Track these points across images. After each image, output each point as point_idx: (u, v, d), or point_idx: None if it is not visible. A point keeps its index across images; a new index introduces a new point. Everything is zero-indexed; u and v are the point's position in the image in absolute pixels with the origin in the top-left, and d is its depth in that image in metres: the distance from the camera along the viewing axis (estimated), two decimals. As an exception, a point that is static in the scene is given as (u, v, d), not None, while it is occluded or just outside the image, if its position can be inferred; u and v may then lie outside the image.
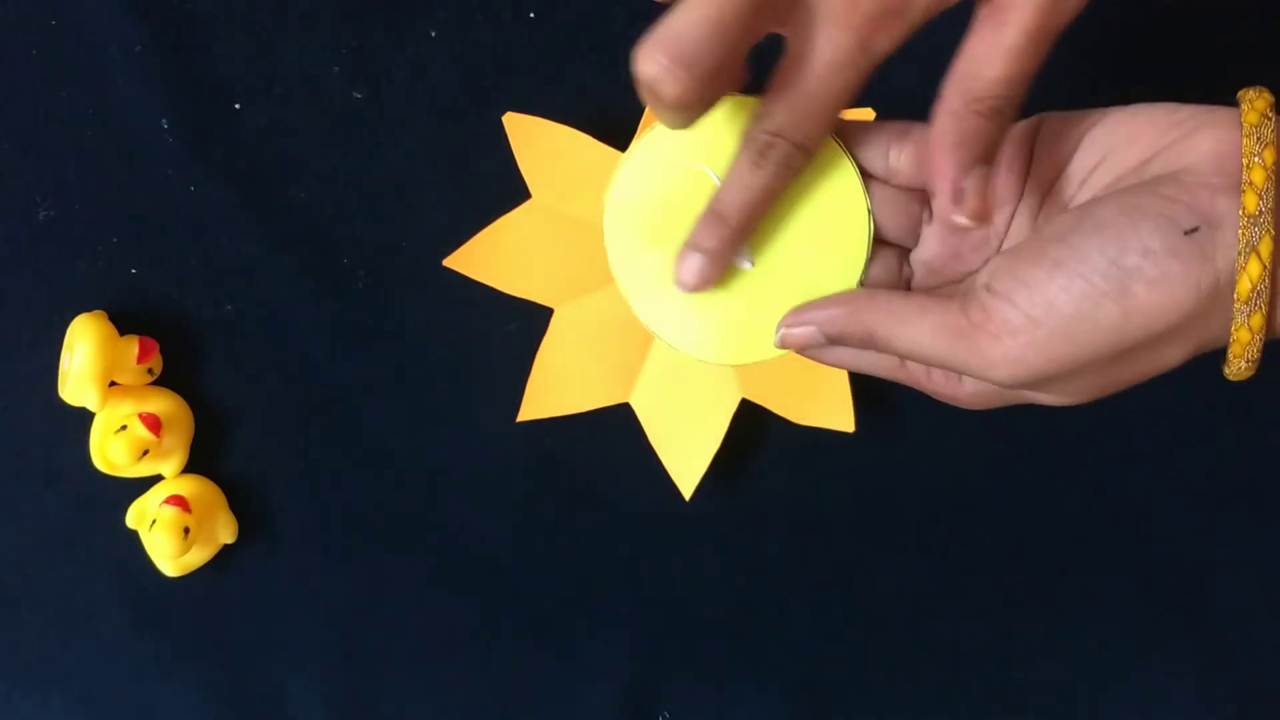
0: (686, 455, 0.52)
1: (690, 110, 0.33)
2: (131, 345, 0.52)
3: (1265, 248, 0.32)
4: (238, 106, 0.54)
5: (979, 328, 0.34)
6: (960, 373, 0.36)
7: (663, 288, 0.39)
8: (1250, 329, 0.33)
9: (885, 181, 0.38)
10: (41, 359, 0.53)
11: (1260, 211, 0.32)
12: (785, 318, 0.38)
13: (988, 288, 0.34)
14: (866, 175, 0.39)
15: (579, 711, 0.55)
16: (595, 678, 0.55)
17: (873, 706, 0.54)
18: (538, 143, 0.51)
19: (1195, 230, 0.33)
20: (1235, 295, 0.33)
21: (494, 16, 0.53)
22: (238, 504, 0.55)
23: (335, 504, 0.55)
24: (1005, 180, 0.38)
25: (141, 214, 0.54)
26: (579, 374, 0.53)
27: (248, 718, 0.56)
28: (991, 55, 0.34)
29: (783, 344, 0.38)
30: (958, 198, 0.35)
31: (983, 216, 0.35)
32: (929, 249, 0.39)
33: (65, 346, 0.52)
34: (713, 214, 0.37)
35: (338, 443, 0.55)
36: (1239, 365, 0.34)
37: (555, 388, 0.52)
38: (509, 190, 0.53)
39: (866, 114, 0.49)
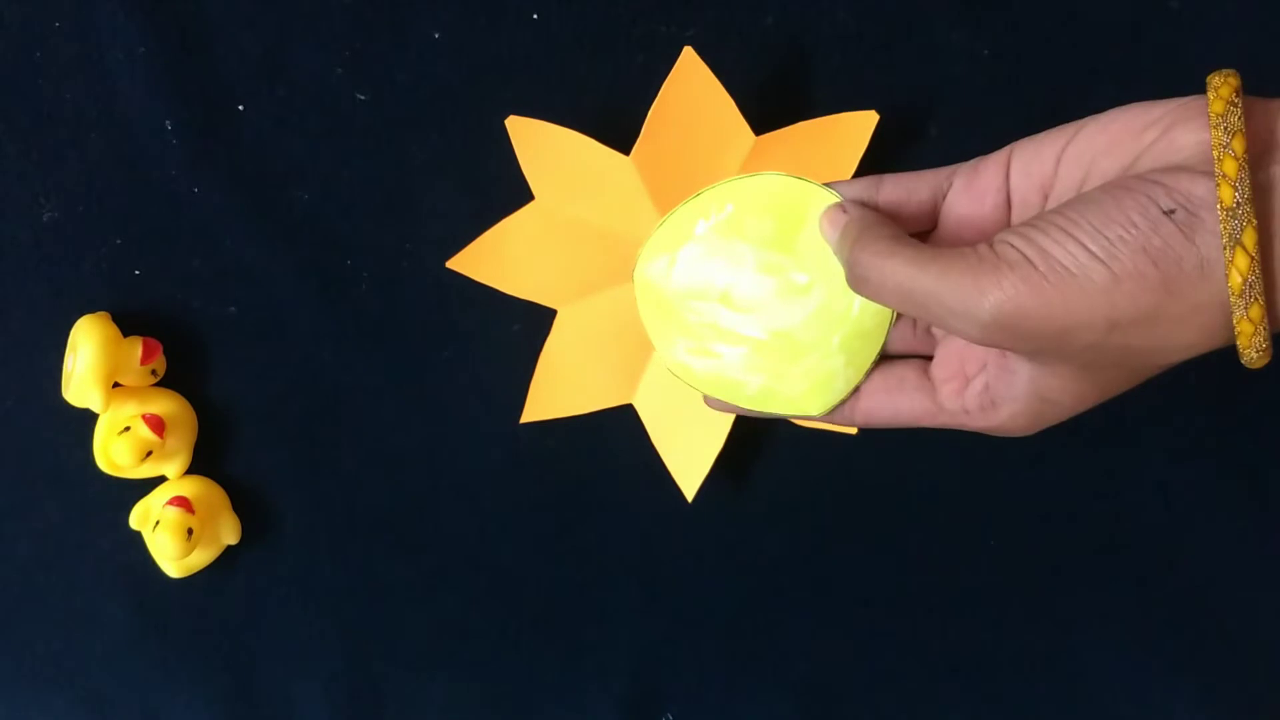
0: (689, 457, 0.52)
1: None
2: (135, 346, 0.52)
3: (1249, 239, 0.32)
4: (241, 108, 0.54)
5: (979, 261, 0.34)
6: (948, 316, 0.35)
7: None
8: (1251, 320, 0.33)
9: None
10: (45, 360, 0.54)
11: (1237, 203, 0.32)
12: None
13: (988, 244, 0.35)
14: None
15: (584, 712, 0.55)
16: (600, 678, 0.55)
17: (877, 706, 0.55)
18: (541, 146, 0.51)
19: (1173, 212, 0.33)
20: (1229, 289, 0.33)
21: (497, 18, 0.53)
22: (241, 505, 0.55)
23: (339, 505, 0.55)
24: (990, 216, 0.39)
25: (145, 215, 0.54)
26: (582, 375, 0.53)
27: (251, 718, 0.56)
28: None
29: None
30: None
31: None
32: None
33: (69, 348, 0.52)
34: None
35: (341, 444, 0.55)
36: (1250, 355, 0.34)
37: (559, 389, 0.52)
38: (512, 192, 0.53)
39: (871, 116, 0.49)
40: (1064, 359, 0.36)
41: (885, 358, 0.42)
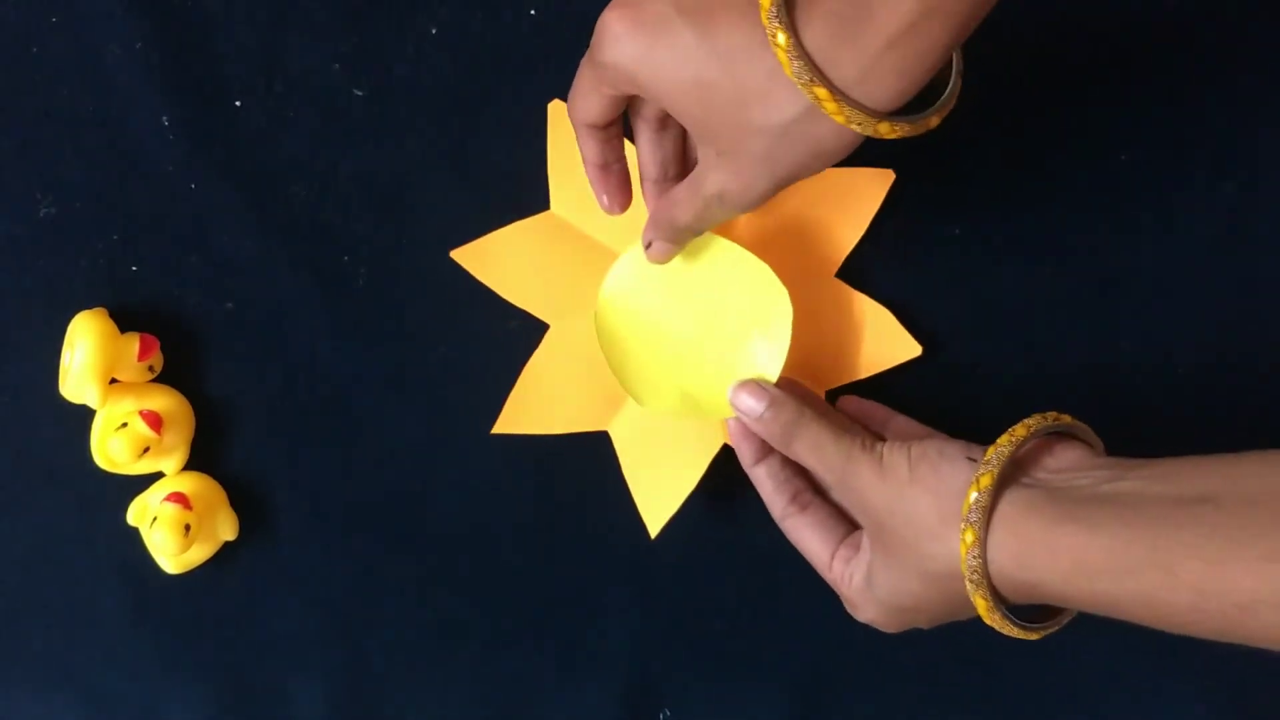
0: (658, 493, 0.52)
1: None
2: (132, 342, 0.52)
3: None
4: (238, 104, 0.54)
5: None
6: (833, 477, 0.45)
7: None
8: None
9: None
10: (42, 356, 0.53)
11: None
12: (741, 385, 0.47)
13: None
14: None
15: (580, 710, 0.55)
16: (596, 676, 0.55)
17: (874, 705, 0.55)
18: (573, 139, 0.51)
19: None
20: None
21: (495, 14, 0.53)
22: (238, 501, 0.55)
23: (336, 501, 0.55)
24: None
25: (142, 211, 0.54)
26: (562, 395, 0.53)
27: (248, 714, 0.56)
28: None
29: (732, 400, 0.47)
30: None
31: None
32: None
33: (66, 344, 0.52)
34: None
35: (339, 440, 0.55)
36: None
37: (536, 405, 0.53)
38: (509, 187, 0.53)
39: (887, 175, 0.51)
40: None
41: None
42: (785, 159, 0.39)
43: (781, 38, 0.36)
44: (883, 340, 0.52)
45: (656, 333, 0.50)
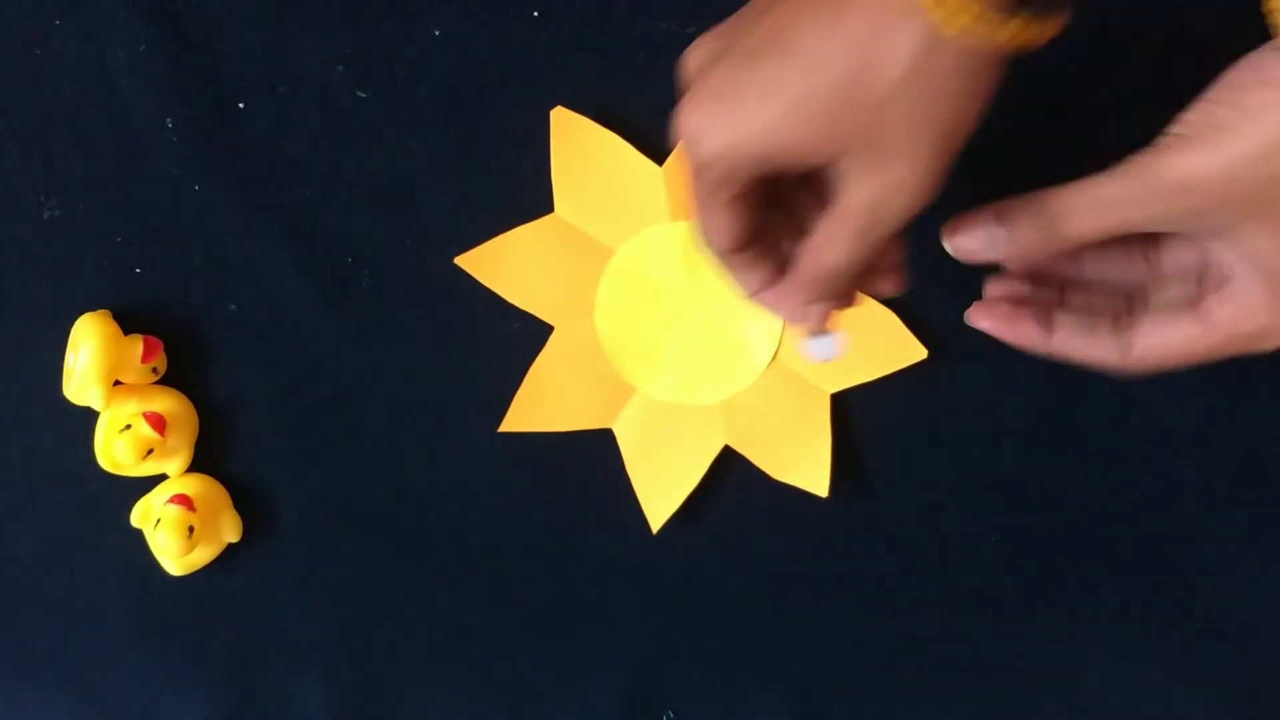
0: (661, 490, 0.53)
1: None
2: (136, 344, 0.52)
3: None
4: (242, 105, 0.54)
5: (1160, 150, 0.36)
6: (1138, 212, 0.37)
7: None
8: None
9: None
10: (46, 358, 0.54)
11: None
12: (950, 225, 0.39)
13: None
14: None
15: (583, 711, 0.55)
16: (600, 677, 0.55)
17: (876, 705, 0.54)
18: (577, 143, 0.51)
19: None
20: None
21: (498, 15, 0.53)
22: (242, 503, 0.55)
23: (340, 502, 0.55)
24: None
25: (145, 213, 0.54)
26: (568, 394, 0.53)
27: (252, 716, 0.56)
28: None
29: (955, 250, 0.40)
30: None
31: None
32: None
33: (69, 346, 0.52)
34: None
35: (342, 441, 0.55)
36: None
37: (542, 404, 0.53)
38: (513, 189, 0.53)
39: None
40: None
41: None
42: (923, 119, 0.33)
43: None
44: (889, 343, 0.52)
45: (654, 320, 0.52)
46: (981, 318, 0.41)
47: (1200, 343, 0.39)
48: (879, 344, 0.52)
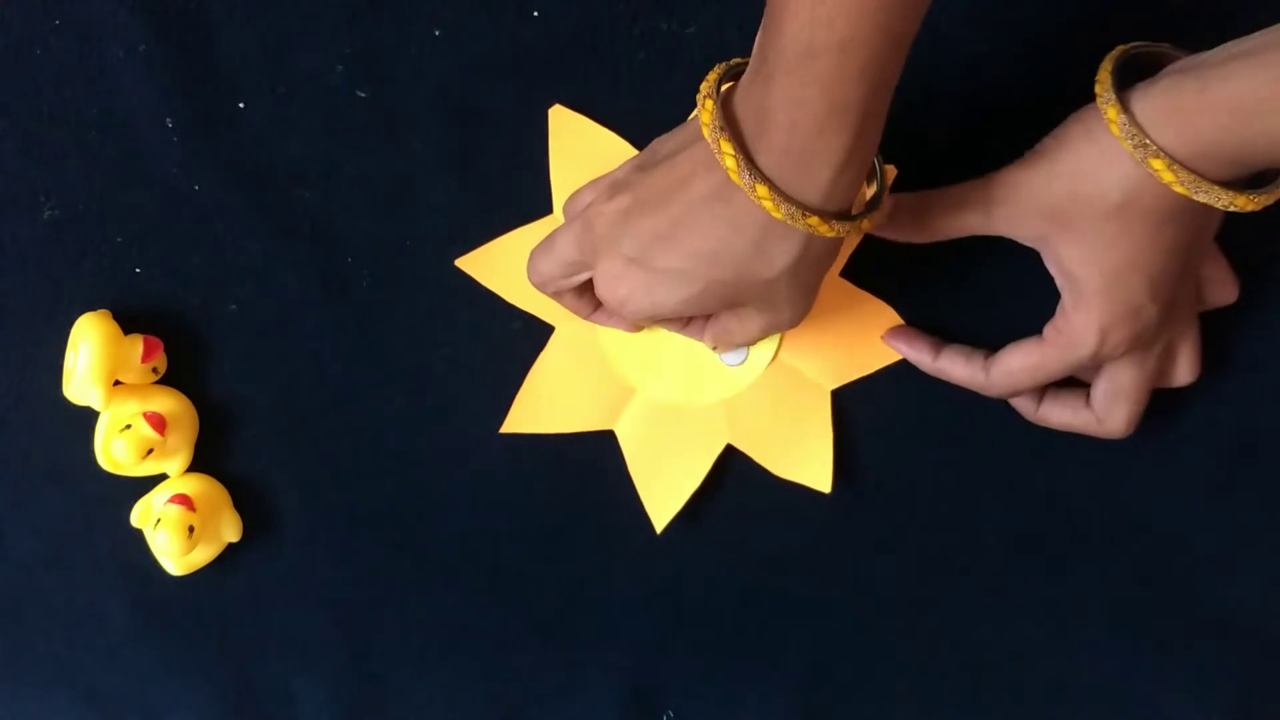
0: (664, 491, 0.53)
1: None
2: (136, 344, 0.52)
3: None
4: (241, 106, 0.54)
5: (1007, 167, 0.46)
6: (981, 214, 0.46)
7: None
8: None
9: None
10: (46, 358, 0.54)
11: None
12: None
13: None
14: None
15: (584, 711, 0.55)
16: (599, 677, 0.55)
17: (877, 704, 0.54)
18: (576, 142, 0.51)
19: None
20: None
21: (498, 16, 0.53)
22: (242, 503, 0.55)
23: (340, 502, 0.55)
24: None
25: (145, 213, 0.54)
26: (569, 395, 0.53)
27: (252, 715, 0.56)
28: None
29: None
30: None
31: None
32: None
33: (70, 346, 0.52)
34: None
35: (342, 441, 0.55)
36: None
37: (543, 405, 0.53)
38: (512, 188, 0.53)
39: (889, 171, 0.50)
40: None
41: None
42: (800, 288, 0.43)
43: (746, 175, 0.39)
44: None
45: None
46: (891, 336, 0.52)
47: (1035, 356, 0.47)
48: (879, 339, 0.52)
